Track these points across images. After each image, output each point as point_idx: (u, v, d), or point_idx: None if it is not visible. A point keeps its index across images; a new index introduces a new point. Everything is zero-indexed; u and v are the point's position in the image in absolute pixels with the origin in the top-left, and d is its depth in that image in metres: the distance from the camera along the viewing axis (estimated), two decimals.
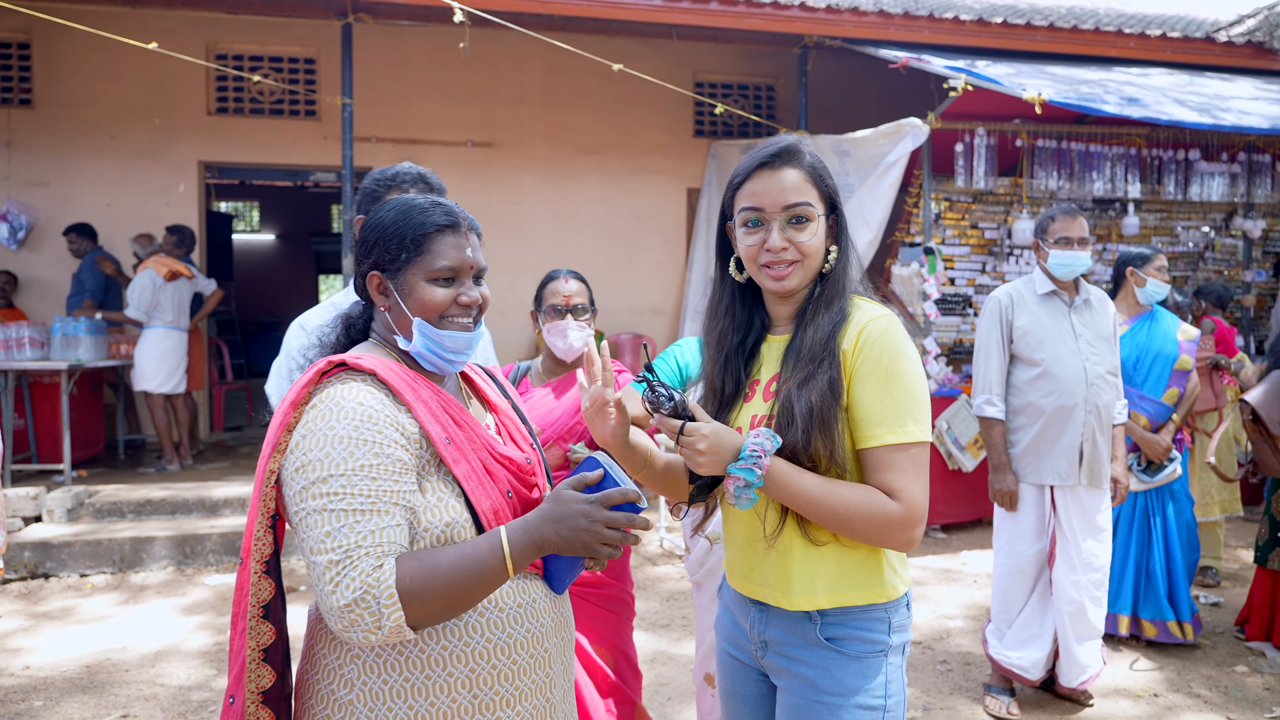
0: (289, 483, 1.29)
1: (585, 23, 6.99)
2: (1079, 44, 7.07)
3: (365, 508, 1.25)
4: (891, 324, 1.51)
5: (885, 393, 1.47)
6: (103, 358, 6.67)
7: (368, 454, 1.27)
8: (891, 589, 1.55)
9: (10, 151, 7.79)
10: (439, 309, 1.41)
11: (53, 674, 3.95)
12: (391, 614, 1.21)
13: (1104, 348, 3.43)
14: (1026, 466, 3.44)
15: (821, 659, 1.54)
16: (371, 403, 1.31)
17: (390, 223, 1.44)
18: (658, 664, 4.03)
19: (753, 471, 1.43)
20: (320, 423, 1.28)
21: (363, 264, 1.47)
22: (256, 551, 1.32)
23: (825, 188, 1.59)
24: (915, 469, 1.47)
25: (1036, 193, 6.43)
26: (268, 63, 8.23)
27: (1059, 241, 3.40)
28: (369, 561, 1.23)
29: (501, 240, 8.66)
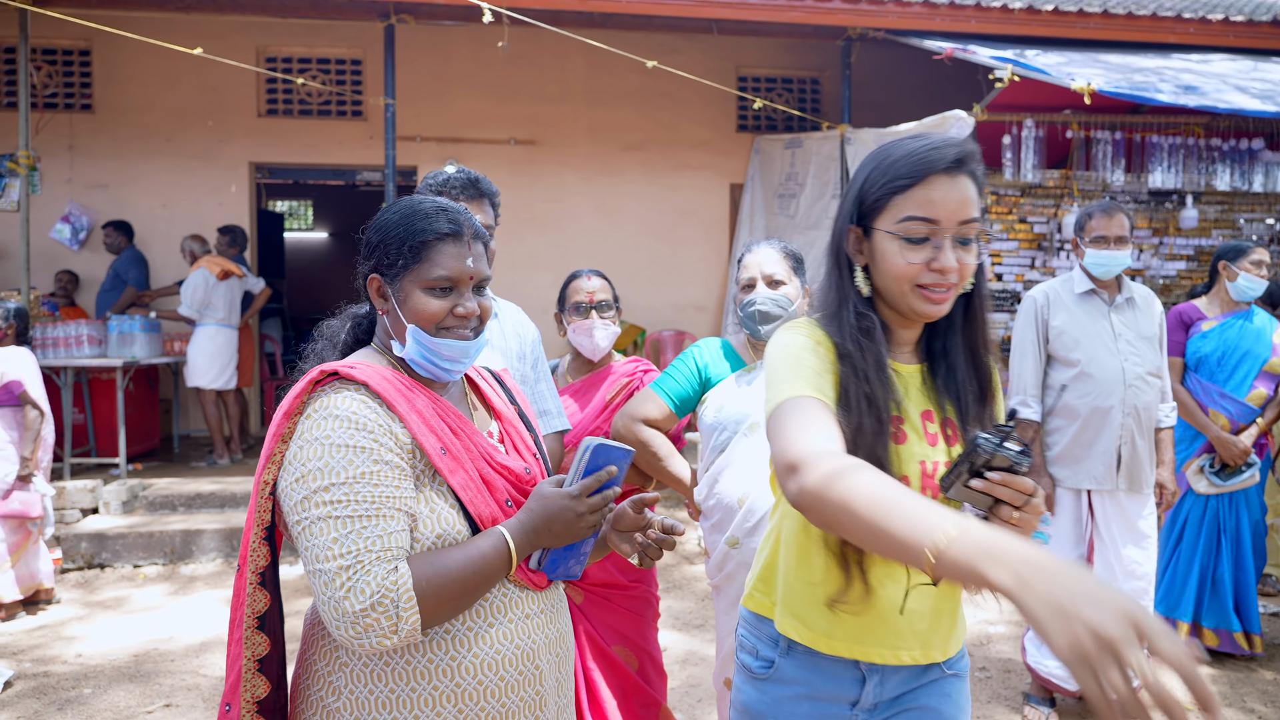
0: (289, 493, 1.29)
1: (625, 19, 6.97)
2: (1135, 30, 6.82)
3: (370, 513, 1.25)
4: None
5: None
6: (157, 355, 6.87)
7: (366, 461, 1.27)
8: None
9: (72, 155, 8.06)
10: (434, 319, 1.39)
11: (102, 662, 4.08)
12: (410, 616, 1.23)
13: (1146, 348, 3.31)
14: (1062, 470, 3.34)
15: (944, 688, 1.50)
16: (365, 412, 1.30)
17: (392, 226, 1.42)
18: (689, 664, 4.02)
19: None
20: (316, 432, 1.28)
21: (364, 265, 1.46)
22: (252, 563, 1.33)
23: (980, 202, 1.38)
24: None
25: (1088, 185, 6.23)
26: (315, 64, 8.38)
27: (1095, 240, 3.29)
28: (383, 566, 1.23)
29: (544, 237, 8.70)
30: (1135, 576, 3.31)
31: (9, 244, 7.25)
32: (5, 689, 3.77)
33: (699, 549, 5.83)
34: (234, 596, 1.37)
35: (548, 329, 3.11)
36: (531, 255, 8.62)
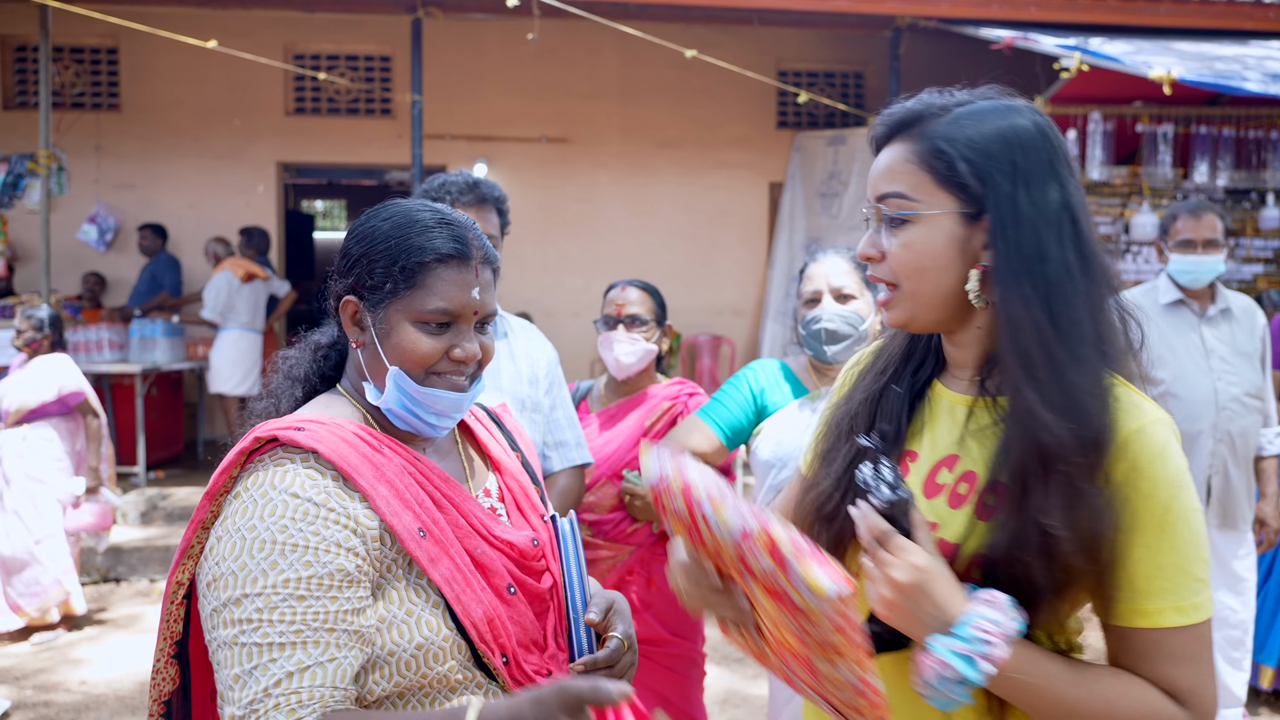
0: (202, 600, 1.01)
1: (661, 10, 6.67)
2: (1210, 16, 6.36)
3: (286, 640, 0.95)
4: (1168, 438, 0.98)
5: (1166, 549, 0.95)
6: (179, 360, 6.71)
7: (295, 564, 0.97)
8: None
9: (99, 155, 7.94)
10: (424, 361, 1.10)
11: (107, 691, 3.87)
12: None
13: (1243, 365, 2.94)
14: None
15: None
16: (310, 492, 1.00)
17: (380, 237, 1.12)
18: (730, 706, 3.70)
19: (975, 664, 0.90)
20: (239, 520, 0.99)
21: (338, 282, 1.15)
22: (156, 688, 1.04)
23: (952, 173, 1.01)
24: (1205, 654, 0.96)
25: (1159, 183, 5.80)
26: (344, 61, 8.19)
27: (1181, 244, 2.93)
28: (282, 715, 0.92)
29: (576, 239, 8.44)
30: (1228, 625, 2.95)
31: (32, 246, 7.13)
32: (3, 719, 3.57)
33: None
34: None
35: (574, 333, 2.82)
36: (563, 258, 8.36)
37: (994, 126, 1.01)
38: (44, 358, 4.52)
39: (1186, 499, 0.96)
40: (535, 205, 8.46)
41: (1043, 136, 1.01)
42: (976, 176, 0.99)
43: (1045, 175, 0.98)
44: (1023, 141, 0.99)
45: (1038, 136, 1.00)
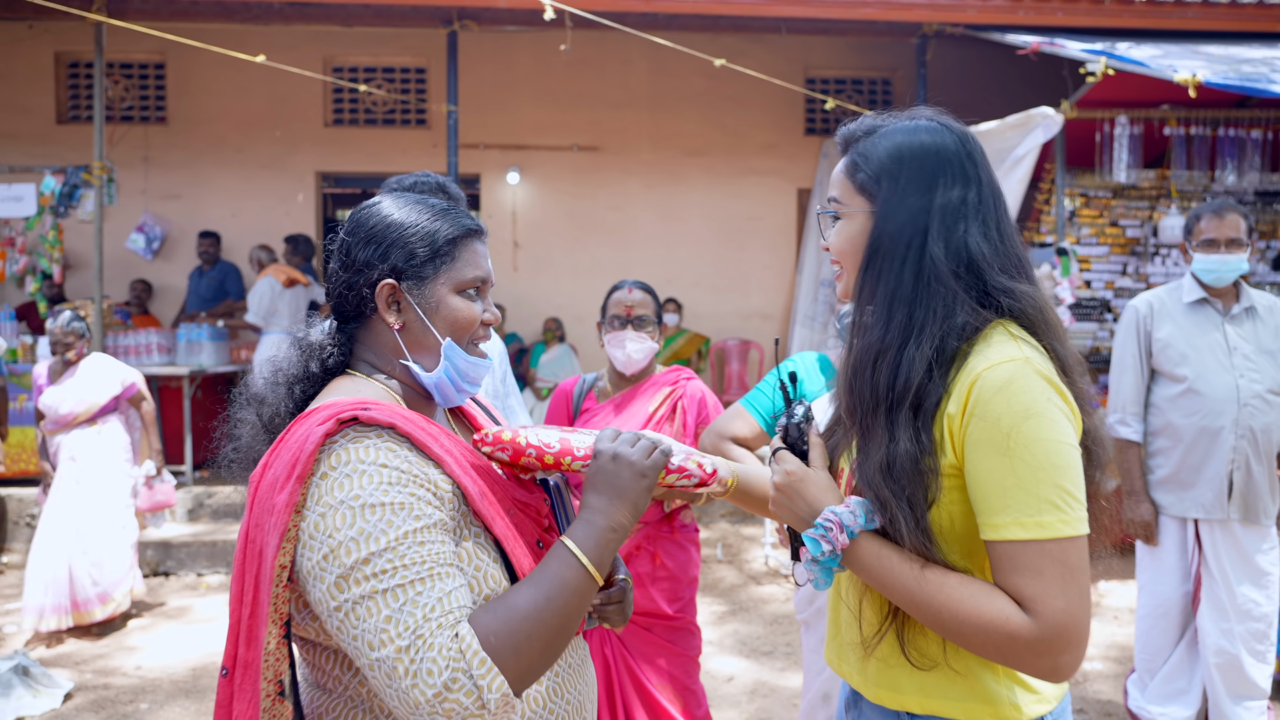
0: (317, 577, 1.05)
1: (691, 20, 6.80)
2: (1239, 19, 6.37)
3: (424, 575, 1.04)
4: (1022, 372, 1.12)
5: (1008, 468, 1.10)
6: (224, 363, 6.93)
7: (407, 519, 1.06)
8: (1012, 710, 1.18)
9: (147, 166, 8.22)
10: (470, 326, 1.22)
11: (161, 676, 4.04)
12: (492, 683, 1.01)
13: (1267, 363, 2.98)
14: (1166, 496, 3.04)
15: None
16: (395, 461, 1.09)
17: (409, 223, 1.21)
18: (759, 696, 3.79)
19: (819, 545, 1.15)
20: (339, 494, 1.06)
21: (368, 271, 1.20)
22: (268, 669, 1.09)
23: (862, 181, 1.24)
24: (1058, 573, 1.08)
25: (1187, 186, 5.82)
26: (381, 73, 8.42)
27: (1204, 244, 2.99)
28: (444, 635, 1.02)
29: (607, 245, 8.58)
30: (1252, 618, 2.99)
31: (87, 254, 7.39)
32: (66, 701, 3.75)
33: (765, 569, 5.59)
34: (221, 712, 1.12)
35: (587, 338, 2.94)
36: (594, 263, 8.50)
37: (893, 143, 1.23)
38: (91, 359, 4.75)
39: (1033, 428, 1.10)
40: (567, 213, 8.62)
41: (932, 154, 1.21)
42: (875, 182, 1.23)
43: (922, 186, 1.20)
44: (912, 157, 1.21)
45: (926, 154, 1.21)
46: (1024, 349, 1.16)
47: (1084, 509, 1.12)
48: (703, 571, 5.55)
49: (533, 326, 8.29)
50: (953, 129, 1.25)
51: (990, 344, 1.17)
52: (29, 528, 6.03)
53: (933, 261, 1.19)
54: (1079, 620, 1.09)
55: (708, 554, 5.84)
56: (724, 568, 5.64)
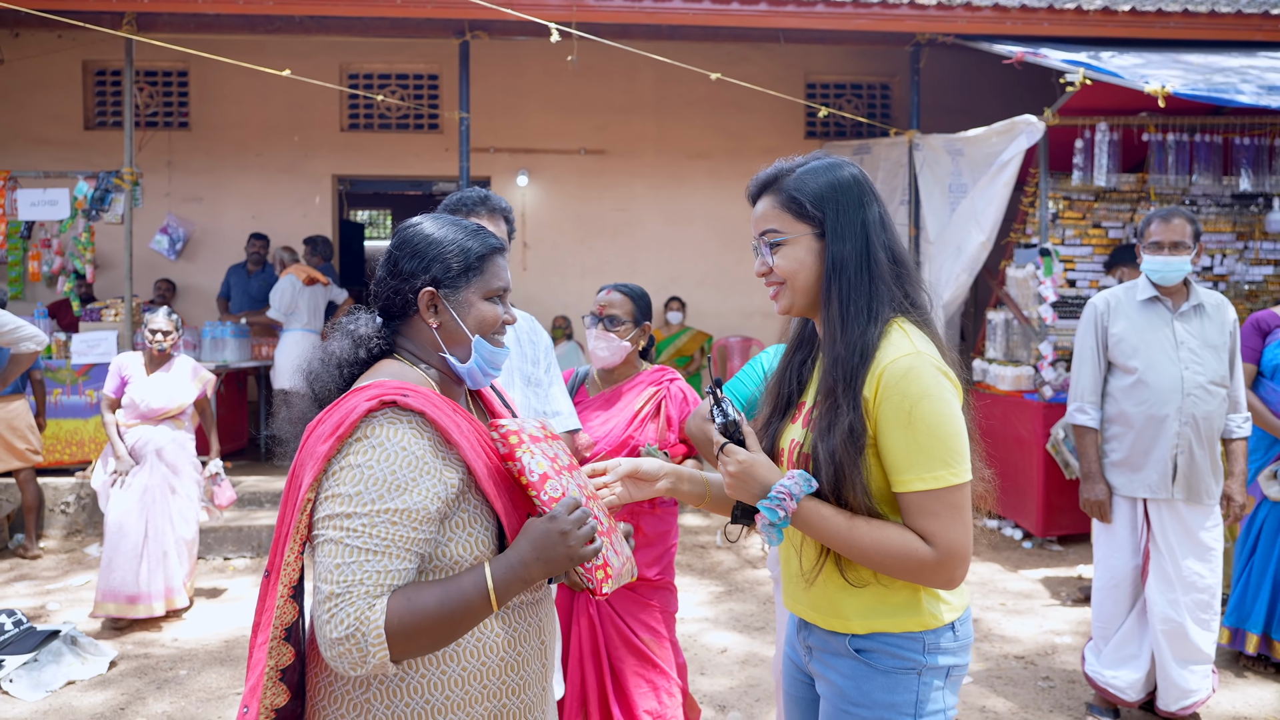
0: (319, 507, 1.32)
1: (693, 30, 7.08)
2: (1219, 29, 6.62)
3: (378, 549, 1.29)
4: (916, 364, 1.45)
5: (909, 439, 1.43)
6: (246, 359, 7.26)
7: (396, 498, 1.30)
8: (931, 618, 1.52)
9: (170, 171, 8.56)
10: (493, 326, 1.50)
11: (196, 646, 4.36)
12: (377, 652, 1.25)
13: (1210, 356, 3.26)
14: (1119, 478, 3.33)
15: (851, 669, 1.55)
16: (416, 449, 1.33)
17: (448, 241, 1.48)
18: (749, 665, 4.08)
19: (775, 513, 1.47)
20: (360, 458, 1.31)
21: (413, 279, 1.46)
22: (285, 575, 1.36)
23: (801, 211, 1.53)
24: (949, 512, 1.43)
25: (1165, 189, 6.08)
26: (395, 80, 8.73)
27: (1151, 246, 3.27)
28: (364, 601, 1.26)
29: (613, 246, 8.87)
30: (1196, 589, 3.27)
31: (114, 255, 7.73)
32: (110, 668, 4.07)
33: (762, 553, 5.88)
34: (260, 603, 1.40)
35: None
36: (601, 263, 8.79)
37: (826, 178, 1.55)
38: (184, 356, 4.93)
39: (926, 406, 1.44)
40: (574, 214, 8.92)
41: (855, 182, 1.55)
42: (819, 210, 1.53)
43: (856, 206, 1.53)
44: (843, 186, 1.54)
45: (851, 183, 1.54)
46: (916, 343, 1.49)
47: (967, 463, 1.46)
48: (701, 555, 5.85)
49: (543, 324, 8.57)
50: (851, 162, 1.59)
51: (891, 340, 1.50)
52: (64, 515, 6.37)
53: (878, 264, 1.52)
54: (965, 545, 1.44)
55: (707, 540, 6.13)
56: (722, 553, 5.93)
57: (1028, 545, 5.98)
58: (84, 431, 6.57)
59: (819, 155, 1.60)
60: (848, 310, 1.50)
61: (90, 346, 6.56)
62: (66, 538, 6.31)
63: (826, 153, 1.61)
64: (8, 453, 5.74)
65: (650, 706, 2.61)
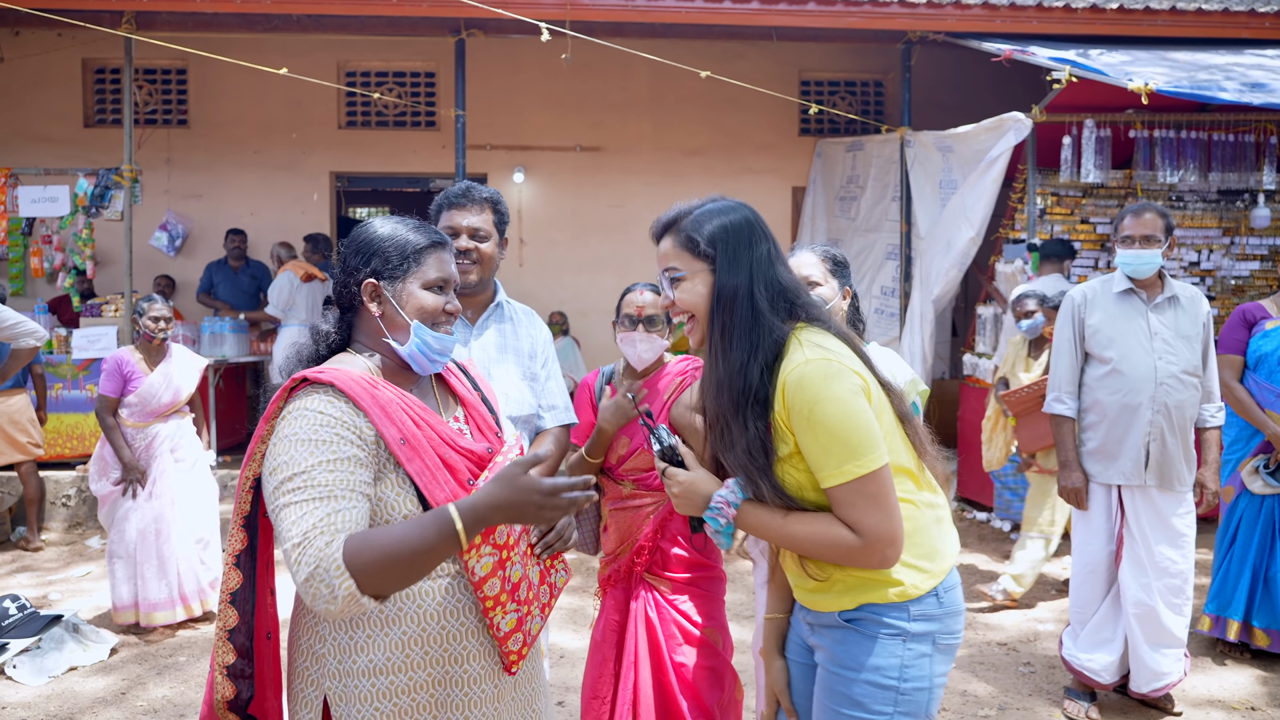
0: (265, 484, 1.46)
1: (686, 29, 7.15)
2: (1206, 26, 6.69)
3: (322, 495, 1.41)
4: (805, 371, 1.55)
5: (815, 440, 1.54)
6: (244, 354, 7.34)
7: (324, 452, 1.43)
8: (913, 588, 1.62)
9: (170, 168, 8.64)
10: (433, 314, 1.61)
11: (195, 634, 4.45)
12: (342, 584, 1.35)
13: (1183, 347, 3.34)
14: (1095, 465, 3.40)
15: (841, 635, 1.66)
16: (330, 410, 1.47)
17: (386, 238, 1.63)
18: (738, 654, 4.14)
19: (717, 521, 1.63)
20: (286, 430, 1.46)
21: (357, 273, 1.62)
22: (230, 547, 1.56)
23: (696, 249, 1.67)
24: (865, 500, 1.54)
25: (1152, 185, 6.16)
26: (392, 78, 8.80)
27: (1123, 240, 3.35)
28: (321, 540, 1.37)
29: (609, 241, 8.94)
30: (1169, 574, 3.34)
31: (114, 251, 7.81)
32: (111, 655, 4.16)
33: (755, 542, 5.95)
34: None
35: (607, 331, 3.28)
36: (596, 259, 8.87)
37: (718, 222, 1.68)
38: (180, 346, 4.78)
39: (822, 410, 1.54)
40: (570, 210, 8.99)
41: (745, 223, 1.69)
42: (711, 248, 1.67)
43: (745, 246, 1.66)
44: (734, 228, 1.68)
45: (742, 224, 1.68)
46: (807, 351, 1.59)
47: (876, 451, 1.55)
48: None
49: None
50: (744, 204, 1.74)
51: (788, 354, 1.61)
52: (65, 508, 6.46)
53: (757, 299, 1.64)
54: (888, 529, 1.55)
55: None
56: None
57: (1015, 536, 6.05)
58: (85, 425, 6.65)
59: (716, 198, 1.75)
60: (731, 340, 1.62)
61: (91, 341, 6.64)
62: (68, 530, 6.39)
63: (722, 195, 1.76)
64: (10, 446, 5.82)
65: (719, 697, 2.65)
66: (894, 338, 7.18)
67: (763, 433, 1.58)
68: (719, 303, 1.64)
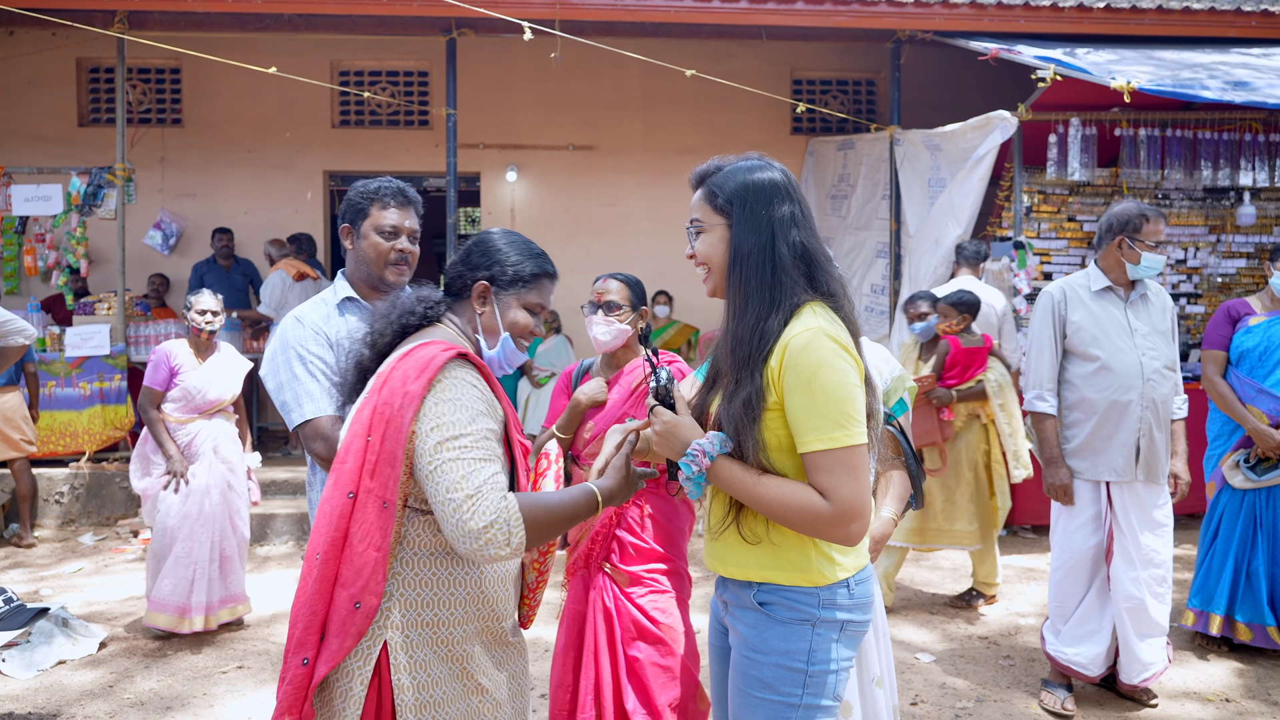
0: (424, 439, 1.58)
1: (676, 28, 7.18)
2: (1193, 25, 6.73)
3: (487, 458, 1.59)
4: (814, 338, 1.60)
5: (810, 403, 1.58)
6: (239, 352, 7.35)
7: (485, 423, 1.62)
8: (821, 576, 1.66)
9: (164, 167, 8.67)
10: (522, 331, 1.83)
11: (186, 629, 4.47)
12: (518, 533, 1.54)
13: (1161, 342, 3.39)
14: (1082, 462, 3.42)
15: (754, 619, 1.70)
16: (482, 388, 1.67)
17: (513, 250, 1.84)
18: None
19: (689, 467, 1.65)
20: (450, 394, 1.61)
21: (476, 271, 1.82)
22: (402, 491, 1.62)
23: (715, 203, 1.71)
24: (844, 469, 1.57)
25: (1138, 184, 6.19)
26: (385, 77, 8.83)
27: (1152, 245, 3.34)
28: (497, 494, 1.55)
29: (602, 240, 8.96)
30: (1153, 564, 3.38)
31: (107, 250, 7.84)
32: (100, 649, 4.19)
33: None
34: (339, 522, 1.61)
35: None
36: (589, 258, 8.87)
37: (741, 178, 1.71)
38: (228, 345, 4.67)
39: (825, 375, 1.58)
40: (562, 209, 9.02)
41: (769, 183, 1.70)
42: (729, 204, 1.70)
43: (764, 205, 1.68)
44: (755, 186, 1.70)
45: (765, 184, 1.70)
46: (819, 320, 1.63)
47: (863, 426, 1.60)
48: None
49: None
50: (777, 165, 1.75)
51: (800, 318, 1.65)
52: (58, 504, 6.49)
53: (778, 258, 1.66)
54: (860, 501, 1.58)
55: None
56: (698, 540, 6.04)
57: (1002, 533, 6.09)
58: (77, 423, 6.68)
59: (751, 156, 1.77)
60: (747, 296, 1.66)
61: (84, 340, 6.67)
62: (61, 527, 6.43)
63: (761, 155, 1.77)
64: (3, 443, 5.85)
65: (672, 697, 2.63)
66: (884, 335, 7.21)
67: (760, 386, 1.62)
68: (735, 258, 1.69)
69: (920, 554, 5.54)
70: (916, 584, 5.08)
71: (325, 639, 1.59)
